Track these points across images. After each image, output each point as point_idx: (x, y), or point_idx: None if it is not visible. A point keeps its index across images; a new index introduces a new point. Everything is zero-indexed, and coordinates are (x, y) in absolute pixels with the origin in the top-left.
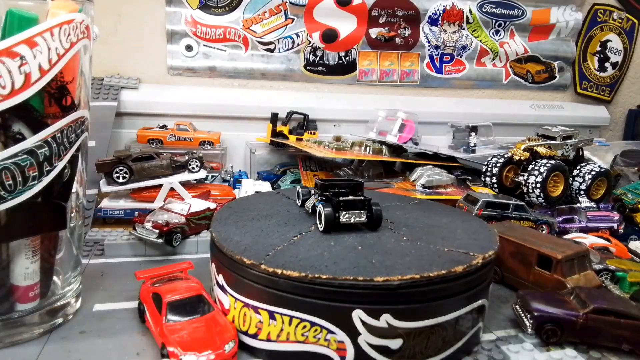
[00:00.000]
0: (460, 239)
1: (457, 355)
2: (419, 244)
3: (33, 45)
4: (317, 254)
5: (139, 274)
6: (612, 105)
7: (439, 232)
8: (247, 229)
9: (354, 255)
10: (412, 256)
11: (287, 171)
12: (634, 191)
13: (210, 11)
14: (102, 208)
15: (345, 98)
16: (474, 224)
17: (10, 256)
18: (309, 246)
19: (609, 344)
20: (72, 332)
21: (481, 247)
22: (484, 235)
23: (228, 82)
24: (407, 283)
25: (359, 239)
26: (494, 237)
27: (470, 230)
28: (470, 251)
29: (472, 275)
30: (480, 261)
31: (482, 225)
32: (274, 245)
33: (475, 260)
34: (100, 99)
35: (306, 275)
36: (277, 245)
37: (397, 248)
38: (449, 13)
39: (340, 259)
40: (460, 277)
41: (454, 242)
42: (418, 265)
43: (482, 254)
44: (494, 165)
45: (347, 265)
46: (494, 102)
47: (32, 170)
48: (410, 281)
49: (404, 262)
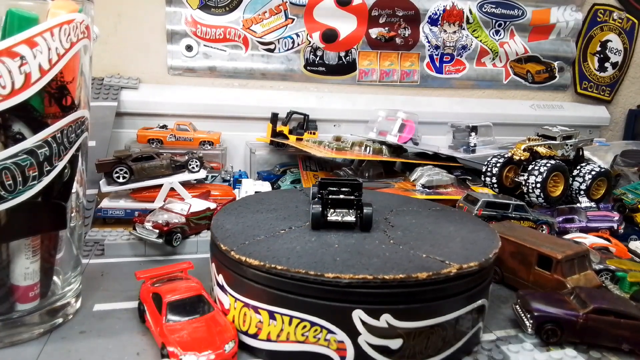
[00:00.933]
0: (450, 248)
1: (457, 355)
2: (400, 248)
3: (33, 45)
4: (289, 248)
5: (139, 274)
6: (612, 105)
7: (433, 239)
8: (244, 220)
9: (323, 252)
10: (382, 258)
11: (287, 171)
12: (634, 191)
13: (210, 11)
14: (102, 208)
15: (345, 98)
16: (481, 234)
17: (10, 256)
18: (289, 240)
19: (609, 344)
20: (72, 332)
21: (465, 257)
22: (481, 247)
23: (228, 82)
24: (359, 282)
25: (341, 238)
26: (490, 249)
27: (470, 240)
28: (449, 260)
29: (440, 284)
30: (454, 271)
31: (488, 237)
32: (256, 235)
33: (447, 269)
34: (100, 99)
35: (264, 265)
36: (259, 235)
37: (373, 249)
38: (449, 13)
39: (307, 254)
40: (422, 284)
41: (440, 250)
42: (380, 267)
43: (461, 264)
44: (494, 165)
45: (307, 260)
46: (494, 102)
47: (32, 170)
48: (362, 281)
49: (369, 262)
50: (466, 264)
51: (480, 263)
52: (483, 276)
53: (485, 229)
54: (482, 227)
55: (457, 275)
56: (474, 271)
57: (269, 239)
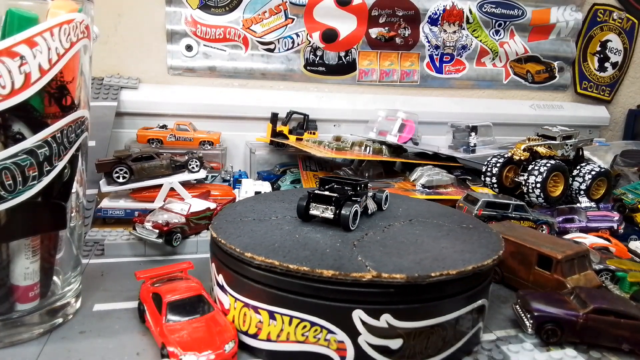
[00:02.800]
0: (423, 255)
1: (457, 355)
2: (355, 249)
3: (33, 45)
4: (258, 232)
5: (139, 274)
6: (612, 105)
7: (406, 247)
8: (251, 208)
9: (277, 239)
10: (320, 254)
11: (287, 171)
12: (634, 191)
13: (210, 11)
14: (102, 208)
15: (345, 98)
16: (472, 245)
17: (10, 256)
18: (267, 226)
19: (609, 344)
20: (72, 332)
21: (428, 268)
22: (455, 258)
23: (228, 82)
24: (267, 266)
25: (313, 232)
26: (465, 263)
27: (455, 249)
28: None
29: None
30: (397, 277)
31: (478, 247)
32: (245, 218)
33: (383, 274)
34: (100, 99)
35: (219, 239)
36: (248, 217)
37: (325, 245)
38: (449, 13)
39: (262, 238)
40: (351, 283)
41: (404, 257)
42: (318, 260)
43: (411, 274)
44: (494, 165)
45: (253, 241)
46: (494, 102)
47: (32, 170)
48: (270, 265)
49: (303, 255)
50: (426, 273)
51: (433, 275)
52: (483, 276)
53: (480, 241)
54: (478, 240)
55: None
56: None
57: (252, 222)
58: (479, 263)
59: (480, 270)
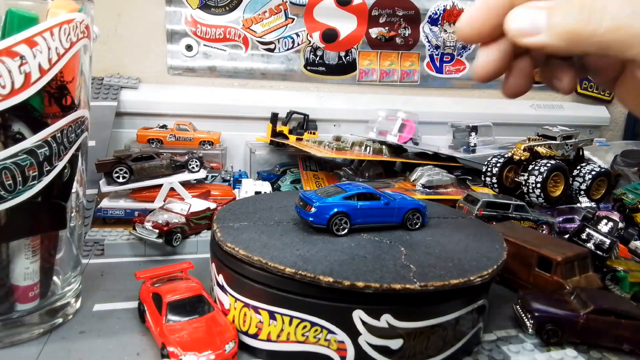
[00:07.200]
0: (425, 262)
1: (458, 355)
2: (344, 251)
3: (33, 45)
4: (258, 232)
5: (139, 274)
6: (612, 105)
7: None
8: (251, 208)
9: (265, 240)
10: (322, 257)
11: (287, 171)
12: (634, 191)
13: (210, 11)
14: (102, 208)
15: (345, 98)
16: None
17: (10, 256)
18: (263, 228)
19: (609, 344)
20: (72, 332)
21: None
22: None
23: (228, 82)
24: (257, 264)
25: (314, 233)
26: (461, 274)
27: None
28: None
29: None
30: (396, 287)
31: (482, 254)
32: (245, 218)
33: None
34: (100, 98)
35: (216, 232)
36: (248, 217)
37: (314, 245)
38: (449, 13)
39: (252, 240)
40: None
41: (392, 262)
42: (300, 259)
43: (400, 284)
44: (494, 165)
45: (245, 243)
46: (494, 102)
47: (32, 170)
48: (257, 263)
49: (287, 254)
50: (412, 283)
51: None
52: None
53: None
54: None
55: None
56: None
57: (253, 223)
58: (482, 272)
59: (483, 280)
